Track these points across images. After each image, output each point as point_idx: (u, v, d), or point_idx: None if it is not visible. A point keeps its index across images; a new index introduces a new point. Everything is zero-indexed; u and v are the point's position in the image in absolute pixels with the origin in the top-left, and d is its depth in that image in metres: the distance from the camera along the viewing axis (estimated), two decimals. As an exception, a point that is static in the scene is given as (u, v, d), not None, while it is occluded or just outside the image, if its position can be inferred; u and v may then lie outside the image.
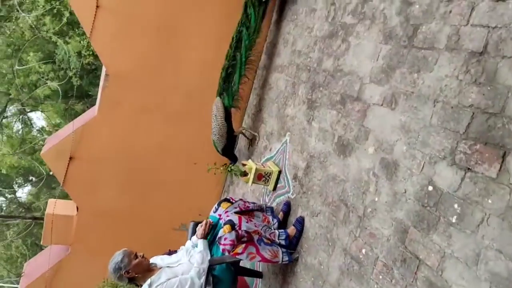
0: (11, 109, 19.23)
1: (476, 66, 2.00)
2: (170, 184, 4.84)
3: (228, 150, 4.37)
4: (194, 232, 3.44)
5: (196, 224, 3.40)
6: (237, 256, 2.96)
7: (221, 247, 2.99)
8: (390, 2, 2.71)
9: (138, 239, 4.89)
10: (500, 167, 1.79)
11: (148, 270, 3.13)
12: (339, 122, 3.05)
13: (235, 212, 3.20)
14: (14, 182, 22.81)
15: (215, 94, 4.28)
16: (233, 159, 4.49)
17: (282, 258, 3.11)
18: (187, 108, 4.65)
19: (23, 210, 22.30)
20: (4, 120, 18.57)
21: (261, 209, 3.50)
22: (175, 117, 4.65)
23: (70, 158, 4.31)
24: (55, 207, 4.59)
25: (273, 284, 3.48)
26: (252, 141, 4.51)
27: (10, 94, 16.18)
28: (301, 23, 3.94)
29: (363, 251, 2.54)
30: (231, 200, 3.33)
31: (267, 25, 4.60)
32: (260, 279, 3.71)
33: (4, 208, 23.33)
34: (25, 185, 23.75)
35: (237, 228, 3.00)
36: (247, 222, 3.07)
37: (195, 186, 4.69)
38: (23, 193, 23.06)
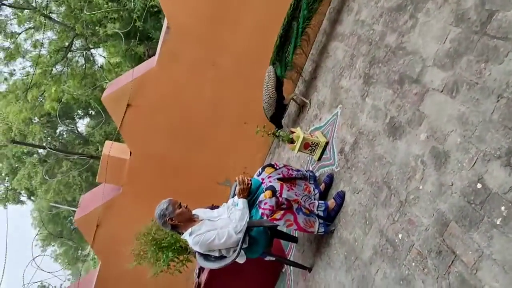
0: (76, 44, 20.12)
1: (551, 65, 1.87)
2: (219, 140, 4.97)
3: (276, 118, 4.40)
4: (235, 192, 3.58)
5: None
6: (274, 222, 3.05)
7: (261, 210, 3.09)
8: (468, -19, 2.53)
9: (184, 189, 5.13)
10: (558, 177, 1.72)
11: (190, 220, 3.33)
12: (393, 102, 2.97)
13: (278, 179, 3.27)
14: (75, 113, 24.30)
15: (269, 60, 4.26)
16: (279, 126, 4.52)
17: (318, 229, 3.18)
18: (243, 68, 4.66)
19: (81, 142, 23.88)
20: (69, 54, 19.52)
21: (304, 177, 3.54)
22: (230, 76, 4.69)
23: (128, 105, 4.52)
24: (111, 149, 4.88)
25: (307, 251, 3.58)
26: (303, 108, 4.50)
27: (75, 29, 16.84)
28: (369, -9, 3.77)
29: (400, 236, 2.55)
30: (275, 166, 3.39)
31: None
32: (295, 244, 3.83)
33: (65, 136, 25.08)
34: (85, 117, 25.25)
35: (278, 195, 3.07)
36: (288, 191, 3.14)
37: (242, 145, 4.79)
38: (82, 124, 24.51)
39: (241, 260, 3.26)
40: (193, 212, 3.50)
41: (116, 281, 4.86)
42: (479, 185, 2.08)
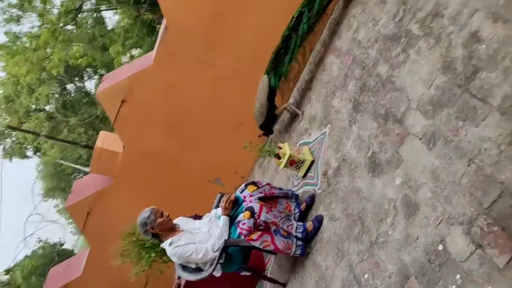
0: (87, 4, 20.03)
1: (520, 144, 1.86)
2: (213, 139, 5.00)
3: (266, 127, 4.42)
4: (219, 204, 3.64)
5: (222, 197, 3.60)
6: (251, 242, 3.12)
7: (239, 230, 3.16)
8: (460, 28, 2.48)
9: (174, 184, 5.23)
10: (509, 260, 1.75)
11: (171, 229, 3.41)
12: (377, 137, 2.97)
13: (259, 198, 3.32)
14: (85, 71, 24.47)
15: (266, 65, 4.24)
16: (269, 133, 4.54)
17: (295, 251, 3.26)
18: (240, 71, 4.64)
19: (88, 101, 24.20)
20: (79, 15, 19.47)
21: (286, 196, 3.59)
22: (227, 77, 4.68)
23: (123, 101, 4.54)
24: (104, 140, 4.94)
25: (284, 266, 3.67)
26: (295, 118, 4.50)
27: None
28: (369, 11, 3.69)
29: (366, 276, 2.61)
30: (258, 184, 3.44)
31: (336, -1, 4.34)
32: (274, 256, 3.92)
33: (73, 95, 25.37)
34: (94, 76, 25.46)
35: (256, 217, 3.13)
36: (267, 212, 3.19)
37: (235, 145, 4.79)
38: (91, 84, 24.76)
39: (217, 273, 3.36)
40: (175, 221, 3.58)
41: (104, 266, 5.00)
42: (440, 246, 2.12)
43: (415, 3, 3.02)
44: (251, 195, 3.34)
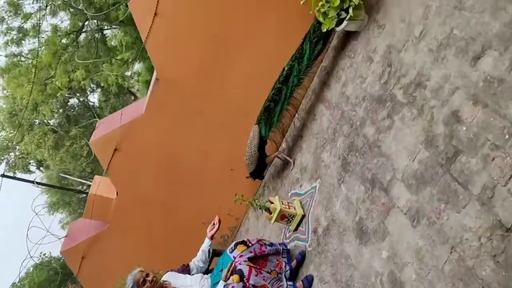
0: (90, 25, 20.33)
1: (499, 241, 1.87)
2: (206, 184, 5.02)
3: (256, 174, 4.45)
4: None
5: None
6: (240, 306, 3.11)
7: (229, 292, 3.15)
8: (442, 104, 2.50)
9: (169, 228, 5.24)
10: None
11: None
12: (364, 202, 2.98)
13: (249, 258, 3.32)
14: (88, 87, 24.80)
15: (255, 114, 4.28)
16: (260, 178, 4.58)
17: (284, 313, 3.24)
18: (230, 120, 4.68)
19: (91, 114, 24.61)
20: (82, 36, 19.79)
21: (277, 252, 3.58)
22: (217, 126, 4.72)
23: (115, 149, 4.57)
24: (98, 186, 4.96)
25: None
26: (287, 165, 4.51)
27: (86, 14, 17.02)
28: (356, 66, 3.72)
29: None
30: (248, 244, 3.44)
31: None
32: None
33: (76, 109, 25.75)
34: (96, 90, 25.81)
35: (245, 280, 3.13)
36: (256, 275, 3.19)
37: (228, 189, 4.80)
38: (94, 98, 25.12)
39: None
40: (165, 277, 3.57)
41: None
42: (424, 335, 2.11)
43: (399, 68, 3.05)
44: (240, 256, 3.34)
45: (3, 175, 4.89)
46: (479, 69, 2.31)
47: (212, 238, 3.72)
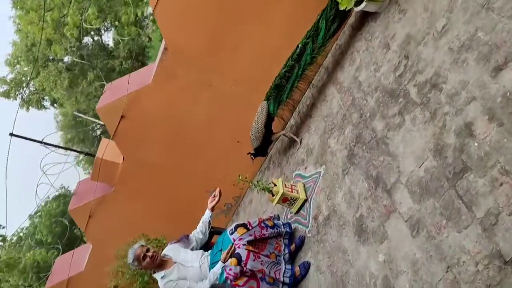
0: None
1: (496, 272, 1.84)
2: (211, 154, 5.01)
3: (261, 150, 4.40)
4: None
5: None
6: (237, 287, 3.19)
7: (225, 274, 3.22)
8: (456, 112, 2.39)
9: (173, 194, 5.31)
10: None
11: (160, 264, 3.50)
12: (366, 199, 2.94)
13: (248, 242, 3.36)
14: (102, 25, 24.67)
15: (267, 89, 4.17)
16: (263, 155, 4.53)
17: (279, 296, 3.32)
18: (239, 92, 4.57)
19: (105, 53, 24.77)
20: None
21: (278, 235, 3.60)
22: (226, 98, 4.62)
23: (122, 116, 4.53)
24: (105, 150, 4.99)
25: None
26: (294, 143, 4.45)
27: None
28: (372, 51, 3.54)
29: None
30: (248, 226, 3.46)
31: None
32: None
33: (90, 48, 25.89)
34: (111, 29, 25.70)
35: (243, 265, 3.18)
36: (254, 260, 3.24)
37: (234, 161, 4.84)
38: (109, 38, 25.18)
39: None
40: (166, 250, 3.66)
41: (103, 265, 5.17)
42: None
43: (416, 62, 2.89)
44: (240, 239, 3.38)
45: (12, 134, 4.91)
46: (499, 82, 2.17)
47: (212, 209, 3.80)
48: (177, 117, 4.70)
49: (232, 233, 3.47)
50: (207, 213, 3.81)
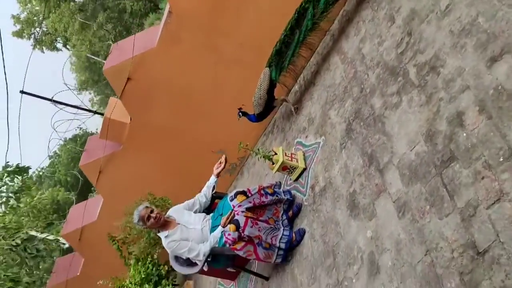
0: None
1: (469, 261, 1.97)
2: (217, 116, 5.07)
3: (262, 116, 4.43)
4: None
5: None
6: (235, 251, 3.41)
7: (224, 238, 3.43)
8: (450, 99, 2.42)
9: (179, 153, 5.46)
10: None
11: (165, 223, 3.72)
12: (360, 176, 3.04)
13: (247, 208, 3.51)
14: None
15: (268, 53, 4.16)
16: (260, 120, 4.54)
17: (275, 259, 3.53)
18: (244, 56, 4.54)
19: None
20: None
21: (279, 201, 3.74)
22: (230, 61, 4.60)
23: (128, 78, 4.59)
24: (113, 109, 5.10)
25: (265, 268, 3.96)
26: (297, 109, 4.49)
27: None
28: (378, 22, 3.48)
29: (329, 310, 2.89)
30: (247, 194, 3.61)
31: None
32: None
33: None
34: None
35: (241, 231, 3.36)
36: (251, 227, 3.40)
37: (238, 123, 4.91)
38: None
39: (205, 268, 3.72)
40: (170, 212, 3.88)
41: (114, 216, 5.47)
42: (388, 320, 2.33)
43: (418, 41, 2.87)
44: (239, 205, 3.53)
45: (22, 91, 5.03)
46: (493, 73, 2.18)
47: (218, 175, 3.97)
48: (183, 80, 4.74)
49: (232, 200, 3.63)
50: (212, 178, 4.00)
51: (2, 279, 6.56)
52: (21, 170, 7.43)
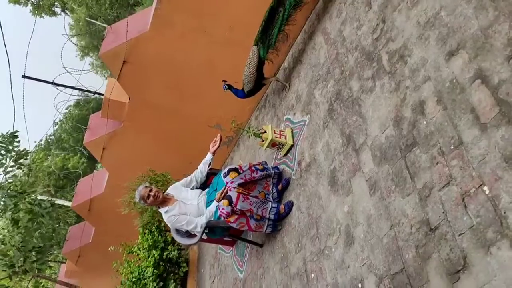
0: None
1: (423, 236, 2.28)
2: (211, 93, 5.28)
3: (252, 93, 4.63)
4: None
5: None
6: (229, 223, 3.76)
7: (219, 212, 3.77)
8: (414, 88, 2.65)
9: (178, 129, 5.74)
10: (394, 324, 2.32)
11: (163, 201, 4.08)
12: (339, 155, 3.32)
13: (239, 184, 3.83)
14: None
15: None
16: (249, 96, 4.74)
17: (266, 229, 3.89)
18: (234, 36, 4.70)
19: None
20: None
21: (268, 176, 4.06)
22: (221, 42, 4.77)
23: (124, 61, 4.79)
24: (112, 90, 5.33)
25: (259, 236, 4.33)
26: (285, 88, 4.70)
27: None
28: (357, 6, 3.63)
29: (312, 275, 3.26)
30: (239, 170, 3.92)
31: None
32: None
33: None
34: None
35: (233, 205, 3.70)
36: (243, 201, 3.73)
37: (233, 99, 5.14)
38: None
39: (204, 237, 4.09)
40: (169, 189, 4.22)
41: (119, 189, 5.83)
42: (360, 285, 2.69)
43: (390, 28, 3.06)
44: (232, 182, 3.85)
45: (24, 76, 5.26)
46: (450, 67, 2.40)
47: (214, 153, 4.29)
48: (177, 61, 4.93)
49: (225, 176, 3.94)
50: (209, 155, 4.33)
51: (27, 241, 7.03)
52: (9, 139, 7.14)
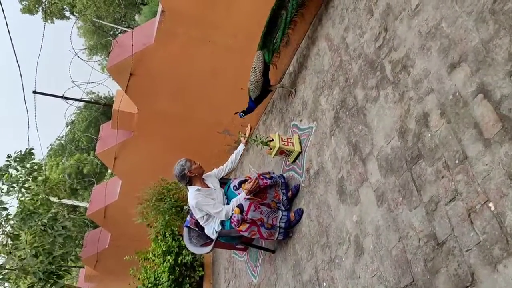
0: None
1: (431, 250, 2.31)
2: (218, 101, 5.33)
3: (260, 99, 4.65)
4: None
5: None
6: (240, 232, 3.82)
7: (231, 219, 3.83)
8: (418, 100, 2.66)
9: (188, 137, 5.81)
10: (405, 336, 2.36)
11: (202, 178, 4.19)
12: (346, 163, 3.34)
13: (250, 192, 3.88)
14: None
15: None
16: (259, 102, 4.77)
17: (277, 237, 3.95)
18: (238, 44, 4.73)
19: None
20: None
21: (276, 183, 4.11)
22: (226, 51, 4.80)
23: (131, 74, 4.86)
24: (121, 101, 5.41)
25: (271, 242, 4.37)
26: (291, 94, 4.72)
27: None
28: (359, 12, 3.63)
29: (324, 284, 3.31)
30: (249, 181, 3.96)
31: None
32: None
33: None
34: None
35: (245, 214, 3.75)
36: (254, 211, 3.78)
37: (239, 105, 5.18)
38: None
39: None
40: (206, 174, 4.28)
41: (133, 195, 5.93)
42: (371, 295, 2.73)
43: (393, 37, 3.06)
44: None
45: (35, 92, 5.36)
46: (452, 79, 2.41)
47: (246, 144, 4.53)
48: (183, 70, 4.99)
49: (237, 189, 4.00)
50: (241, 146, 4.51)
51: (39, 253, 7.17)
52: (25, 156, 7.31)
